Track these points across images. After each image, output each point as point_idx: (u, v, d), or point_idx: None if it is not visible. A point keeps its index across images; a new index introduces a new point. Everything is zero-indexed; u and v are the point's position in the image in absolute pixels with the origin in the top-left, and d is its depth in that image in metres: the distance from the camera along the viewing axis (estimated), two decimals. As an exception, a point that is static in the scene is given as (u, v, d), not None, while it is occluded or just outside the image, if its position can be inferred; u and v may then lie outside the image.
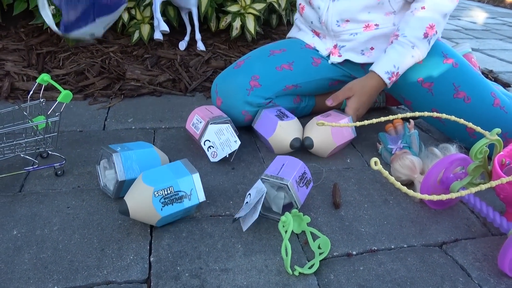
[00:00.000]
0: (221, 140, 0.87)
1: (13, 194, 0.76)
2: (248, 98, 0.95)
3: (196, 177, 0.69)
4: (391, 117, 0.81)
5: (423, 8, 0.89)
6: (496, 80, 1.56)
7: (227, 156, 0.89)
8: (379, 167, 0.55)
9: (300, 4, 1.07)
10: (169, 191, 0.65)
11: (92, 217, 0.71)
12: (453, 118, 0.77)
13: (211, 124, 0.88)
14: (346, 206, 0.79)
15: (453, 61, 0.94)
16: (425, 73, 0.95)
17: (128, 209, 0.64)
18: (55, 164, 0.80)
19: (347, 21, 0.97)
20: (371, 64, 1.02)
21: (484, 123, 0.91)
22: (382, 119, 0.85)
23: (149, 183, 0.64)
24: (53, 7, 1.32)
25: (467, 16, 3.22)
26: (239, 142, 0.87)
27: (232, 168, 0.89)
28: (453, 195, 0.61)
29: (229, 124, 0.88)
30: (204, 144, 0.88)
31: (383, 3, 0.93)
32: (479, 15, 3.29)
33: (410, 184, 0.85)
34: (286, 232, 0.63)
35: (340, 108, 1.20)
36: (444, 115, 0.83)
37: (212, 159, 0.88)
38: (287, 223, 0.64)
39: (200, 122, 0.91)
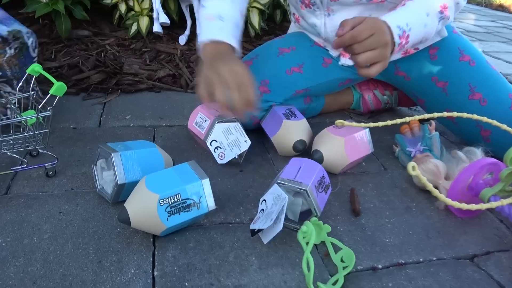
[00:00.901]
0: (229, 140, 0.80)
1: (-2, 197, 0.68)
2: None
3: (206, 183, 0.61)
4: (407, 118, 0.75)
5: None
6: (507, 82, 1.51)
7: (236, 157, 0.81)
8: (417, 172, 0.49)
9: (294, 13, 0.98)
10: (176, 199, 0.58)
11: (87, 224, 0.64)
12: (465, 115, 0.72)
13: (218, 122, 0.80)
14: (366, 213, 0.72)
15: (469, 59, 0.89)
16: (440, 71, 0.89)
17: (129, 217, 0.57)
18: (46, 164, 0.73)
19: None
20: None
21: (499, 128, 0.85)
22: (398, 121, 0.79)
23: (154, 189, 0.57)
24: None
25: (468, 18, 3.20)
26: (249, 142, 0.80)
27: (240, 170, 0.82)
28: (493, 205, 0.55)
29: (238, 123, 0.81)
30: (211, 145, 0.81)
31: (382, 4, 0.86)
32: (480, 18, 3.27)
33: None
34: (307, 244, 0.57)
35: (350, 108, 1.14)
36: (455, 113, 0.77)
37: (219, 161, 0.81)
38: (308, 234, 0.57)
39: (205, 121, 0.83)
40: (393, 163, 0.90)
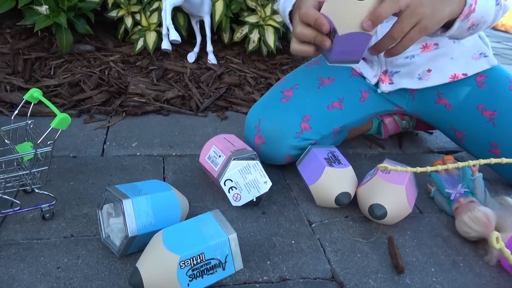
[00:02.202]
0: (247, 180, 0.71)
1: (-16, 246, 0.58)
2: (295, 142, 0.80)
3: (234, 239, 0.52)
4: (471, 162, 0.67)
5: None
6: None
7: (254, 199, 0.72)
8: (502, 245, 0.41)
9: None
10: (199, 260, 0.49)
11: (90, 283, 0.54)
12: None
13: (234, 159, 0.71)
14: (409, 269, 0.63)
15: None
16: (488, 99, 0.82)
17: (142, 282, 0.47)
18: (42, 205, 0.63)
19: None
20: (423, 89, 0.88)
21: None
22: (449, 166, 0.70)
23: (173, 248, 0.48)
24: (47, 6, 1.15)
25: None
26: (270, 184, 0.71)
27: (263, 212, 0.73)
28: None
29: (258, 161, 0.72)
30: (225, 185, 0.72)
31: None
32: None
33: (481, 241, 0.70)
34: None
35: (367, 134, 1.06)
36: (504, 160, 0.69)
37: (234, 203, 0.72)
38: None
39: (220, 156, 0.74)
40: (428, 205, 0.81)
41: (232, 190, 0.71)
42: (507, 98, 0.81)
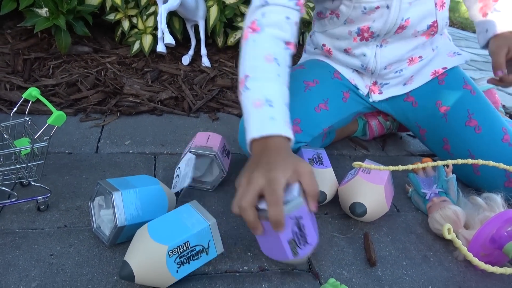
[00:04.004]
0: (184, 172, 0.75)
1: (-17, 234, 0.62)
2: None
3: (214, 225, 0.56)
4: (439, 162, 0.71)
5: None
6: (512, 116, 1.49)
7: (179, 191, 0.73)
8: (453, 236, 0.45)
9: (324, 44, 0.92)
10: (185, 248, 0.53)
11: (81, 270, 0.58)
12: (491, 163, 0.69)
13: (189, 151, 0.77)
14: (381, 263, 0.68)
15: (471, 88, 0.91)
16: (445, 95, 0.91)
17: (133, 273, 0.51)
18: (37, 197, 0.67)
19: (396, 61, 0.88)
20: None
21: (489, 157, 0.84)
22: (420, 165, 0.75)
23: (161, 240, 0.52)
24: (47, 9, 1.19)
25: (466, 46, 3.23)
26: (189, 181, 0.71)
27: (247, 208, 0.77)
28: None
29: (194, 157, 0.75)
30: (176, 171, 0.77)
31: (433, 38, 0.86)
32: (477, 46, 3.30)
33: (451, 238, 0.75)
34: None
35: (353, 136, 1.11)
36: (481, 161, 0.74)
37: (172, 189, 0.76)
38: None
39: (188, 148, 0.80)
40: (406, 204, 0.86)
41: (176, 177, 0.76)
42: (459, 96, 0.90)
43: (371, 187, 0.73)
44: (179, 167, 0.77)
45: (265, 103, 0.62)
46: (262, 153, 0.57)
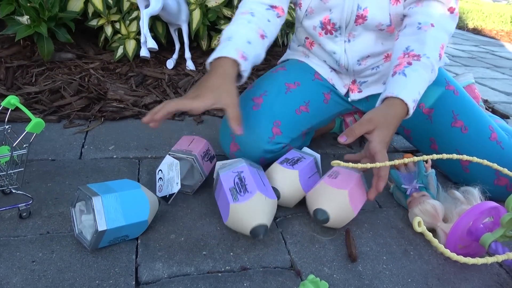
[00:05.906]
0: (169, 176, 0.76)
1: (-37, 243, 0.62)
2: (268, 146, 0.84)
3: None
4: (416, 158, 0.73)
5: (432, 25, 0.78)
6: (494, 111, 1.52)
7: (167, 196, 0.75)
8: (423, 228, 0.46)
9: (306, 38, 0.95)
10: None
11: (63, 275, 0.58)
12: (485, 162, 0.71)
13: (168, 154, 0.78)
14: (362, 258, 0.69)
15: (454, 89, 0.91)
16: (427, 99, 0.90)
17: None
18: (19, 205, 0.67)
19: (368, 56, 0.89)
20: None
21: (478, 156, 0.84)
22: (406, 160, 0.76)
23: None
24: (28, 17, 1.19)
25: (451, 42, 3.27)
26: (179, 187, 0.73)
27: (230, 209, 0.78)
28: (499, 258, 0.52)
29: (178, 162, 0.75)
30: (157, 174, 0.79)
31: (392, 33, 0.87)
32: (463, 42, 3.35)
33: (431, 231, 0.76)
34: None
35: (331, 132, 1.13)
36: (475, 159, 0.74)
37: (158, 193, 0.78)
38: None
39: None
40: (388, 200, 0.87)
41: (160, 180, 0.77)
42: (441, 97, 0.89)
43: (334, 193, 0.71)
44: (160, 170, 0.78)
45: (226, 39, 0.78)
46: (207, 75, 0.73)
